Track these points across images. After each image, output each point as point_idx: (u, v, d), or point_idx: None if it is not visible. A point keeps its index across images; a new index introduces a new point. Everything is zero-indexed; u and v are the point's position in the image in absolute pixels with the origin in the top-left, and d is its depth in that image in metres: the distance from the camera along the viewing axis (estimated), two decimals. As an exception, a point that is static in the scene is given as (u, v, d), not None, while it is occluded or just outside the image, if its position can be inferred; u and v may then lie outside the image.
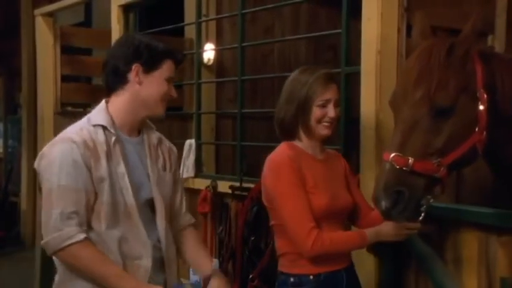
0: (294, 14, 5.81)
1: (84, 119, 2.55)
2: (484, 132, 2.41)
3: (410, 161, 2.32)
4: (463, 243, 2.73)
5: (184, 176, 4.46)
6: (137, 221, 2.48)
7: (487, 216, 2.64)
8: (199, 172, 4.53)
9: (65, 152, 2.40)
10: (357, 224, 2.84)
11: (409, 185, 2.34)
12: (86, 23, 8.56)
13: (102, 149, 2.45)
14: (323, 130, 2.69)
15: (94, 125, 2.49)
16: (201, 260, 2.74)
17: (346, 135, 3.38)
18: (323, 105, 2.65)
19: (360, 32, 3.18)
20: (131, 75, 2.50)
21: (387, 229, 2.60)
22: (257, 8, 4.71)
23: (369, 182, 2.93)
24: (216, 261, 4.08)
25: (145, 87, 2.51)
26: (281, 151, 2.71)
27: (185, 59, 2.74)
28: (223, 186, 4.11)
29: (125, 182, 2.46)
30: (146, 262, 2.50)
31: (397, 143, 2.36)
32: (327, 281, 2.65)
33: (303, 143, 2.73)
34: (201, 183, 4.33)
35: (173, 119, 5.39)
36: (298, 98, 2.66)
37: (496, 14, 3.76)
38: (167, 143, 2.75)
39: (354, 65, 3.35)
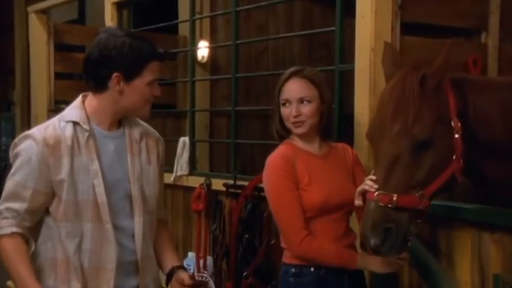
0: (288, 11, 5.81)
1: (57, 116, 2.48)
2: (461, 160, 2.42)
3: (394, 198, 2.32)
4: (456, 240, 2.73)
5: (178, 173, 4.46)
6: (106, 221, 2.38)
7: (480, 214, 2.65)
8: (193, 170, 4.52)
9: (24, 148, 2.39)
10: None
11: (395, 220, 2.35)
12: (80, 20, 8.53)
13: (66, 145, 2.36)
14: (295, 129, 2.70)
15: (67, 121, 2.42)
16: (167, 255, 2.63)
17: (340, 132, 3.38)
18: (284, 105, 2.69)
19: (354, 29, 3.19)
20: (111, 84, 2.40)
21: (377, 263, 2.58)
22: (251, 6, 4.70)
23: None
24: (210, 259, 4.11)
25: (127, 96, 2.40)
26: (277, 152, 2.72)
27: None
28: (217, 184, 4.10)
29: (99, 180, 2.37)
30: (110, 265, 2.39)
31: (380, 180, 2.37)
32: (328, 276, 2.64)
33: (298, 141, 2.74)
34: (195, 181, 4.32)
35: (167, 117, 5.36)
36: (274, 101, 2.73)
37: (489, 11, 3.75)
38: (153, 134, 2.62)
39: (348, 62, 3.35)
